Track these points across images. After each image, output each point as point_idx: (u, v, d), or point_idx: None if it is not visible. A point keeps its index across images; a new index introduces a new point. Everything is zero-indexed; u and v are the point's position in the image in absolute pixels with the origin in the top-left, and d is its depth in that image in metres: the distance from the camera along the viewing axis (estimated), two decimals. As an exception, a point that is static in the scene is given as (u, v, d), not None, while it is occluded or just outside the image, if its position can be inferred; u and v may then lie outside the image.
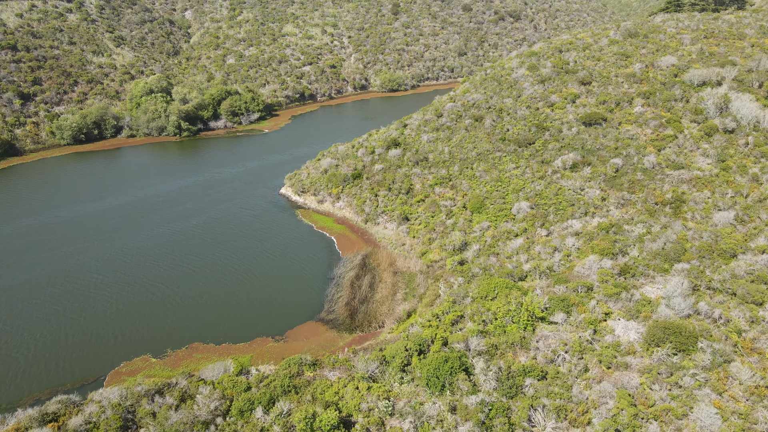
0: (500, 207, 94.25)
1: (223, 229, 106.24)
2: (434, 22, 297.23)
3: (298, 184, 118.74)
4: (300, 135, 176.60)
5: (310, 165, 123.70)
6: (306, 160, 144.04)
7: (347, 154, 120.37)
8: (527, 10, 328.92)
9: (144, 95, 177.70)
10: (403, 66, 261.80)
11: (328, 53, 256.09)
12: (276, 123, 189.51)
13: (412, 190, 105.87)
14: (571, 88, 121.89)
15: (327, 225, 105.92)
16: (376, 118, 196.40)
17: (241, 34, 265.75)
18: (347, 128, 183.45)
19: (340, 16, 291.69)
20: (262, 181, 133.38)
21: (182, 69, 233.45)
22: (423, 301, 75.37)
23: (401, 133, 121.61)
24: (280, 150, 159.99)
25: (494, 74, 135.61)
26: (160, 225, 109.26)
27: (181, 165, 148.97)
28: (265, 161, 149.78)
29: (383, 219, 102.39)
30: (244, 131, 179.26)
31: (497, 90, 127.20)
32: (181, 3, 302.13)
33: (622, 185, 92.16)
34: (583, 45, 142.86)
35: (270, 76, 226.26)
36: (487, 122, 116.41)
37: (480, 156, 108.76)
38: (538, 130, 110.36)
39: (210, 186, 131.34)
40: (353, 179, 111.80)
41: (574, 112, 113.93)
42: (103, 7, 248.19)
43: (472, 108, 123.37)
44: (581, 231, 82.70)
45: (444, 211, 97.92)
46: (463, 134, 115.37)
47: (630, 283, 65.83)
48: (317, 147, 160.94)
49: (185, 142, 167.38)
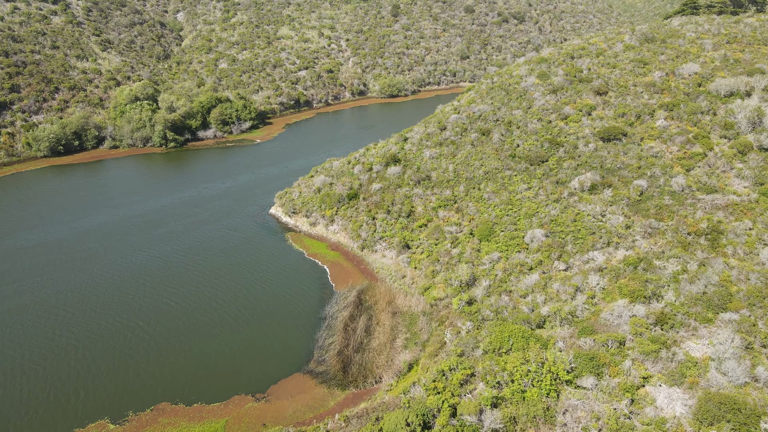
0: (512, 235, 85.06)
1: (205, 257, 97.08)
2: (435, 24, 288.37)
3: (289, 204, 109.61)
4: (294, 145, 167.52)
5: (302, 183, 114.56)
6: (300, 173, 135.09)
7: (342, 171, 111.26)
8: (531, 11, 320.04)
9: (129, 103, 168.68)
10: (403, 70, 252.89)
11: (324, 57, 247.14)
12: (269, 132, 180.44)
13: (413, 213, 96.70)
14: (585, 98, 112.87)
15: (319, 251, 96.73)
16: (374, 126, 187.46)
17: (235, 37, 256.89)
18: (344, 138, 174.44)
19: (337, 18, 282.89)
20: (252, 198, 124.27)
21: (172, 74, 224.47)
22: (426, 350, 66.20)
23: (401, 147, 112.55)
24: (272, 162, 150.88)
25: (501, 83, 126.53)
26: (138, 250, 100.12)
27: (166, 179, 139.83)
28: (256, 175, 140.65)
29: (381, 246, 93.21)
30: (234, 141, 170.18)
31: (505, 100, 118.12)
32: (173, 4, 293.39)
33: (648, 211, 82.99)
34: (596, 51, 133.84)
35: (264, 82, 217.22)
36: (495, 136, 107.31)
37: (488, 175, 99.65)
38: (551, 145, 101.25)
39: (196, 203, 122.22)
40: (349, 200, 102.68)
41: (591, 125, 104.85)
42: (91, 9, 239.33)
43: (478, 120, 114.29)
44: (605, 266, 73.49)
45: (449, 239, 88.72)
46: (469, 150, 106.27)
47: (669, 337, 56.63)
48: (312, 159, 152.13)
49: (172, 154, 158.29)
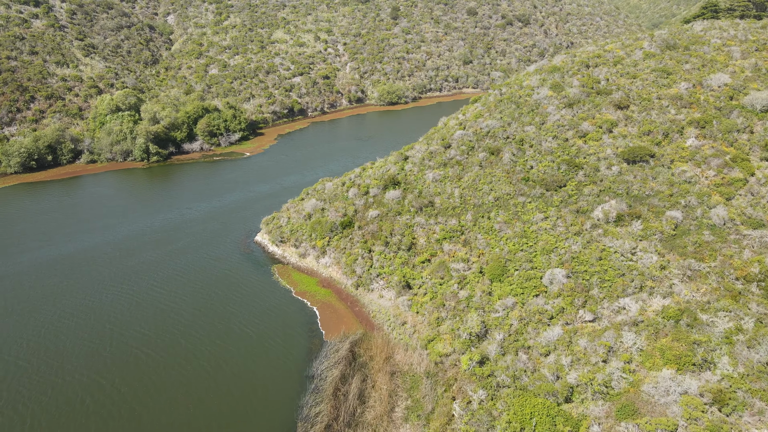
0: (527, 274, 74.63)
1: (181, 295, 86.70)
2: (437, 27, 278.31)
3: (276, 232, 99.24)
4: (287, 159, 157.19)
5: (291, 207, 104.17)
6: (291, 191, 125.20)
7: (336, 195, 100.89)
8: (537, 14, 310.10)
9: (109, 113, 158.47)
10: (403, 76, 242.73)
11: (321, 62, 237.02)
12: (260, 144, 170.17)
13: (414, 245, 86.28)
14: (605, 113, 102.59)
15: (309, 289, 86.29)
16: (373, 137, 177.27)
17: (227, 41, 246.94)
18: (340, 151, 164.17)
19: (334, 21, 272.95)
20: (238, 221, 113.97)
21: (160, 80, 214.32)
22: (431, 426, 55.69)
23: (401, 168, 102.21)
24: (262, 178, 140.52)
25: (511, 94, 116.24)
26: (107, 286, 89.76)
27: (146, 199, 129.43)
28: (243, 193, 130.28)
29: (379, 284, 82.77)
30: (222, 155, 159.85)
31: (516, 115, 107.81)
32: (163, 7, 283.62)
33: (686, 248, 72.59)
34: (613, 59, 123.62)
35: (256, 89, 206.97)
36: (505, 156, 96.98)
37: (498, 202, 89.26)
38: (569, 168, 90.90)
39: (177, 227, 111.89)
40: (342, 229, 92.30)
41: (613, 144, 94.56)
42: (75, 12, 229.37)
43: (486, 137, 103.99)
44: (640, 317, 63.06)
45: (456, 278, 78.28)
46: (477, 172, 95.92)
47: (732, 423, 46.21)
48: (305, 175, 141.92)
49: (154, 169, 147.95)
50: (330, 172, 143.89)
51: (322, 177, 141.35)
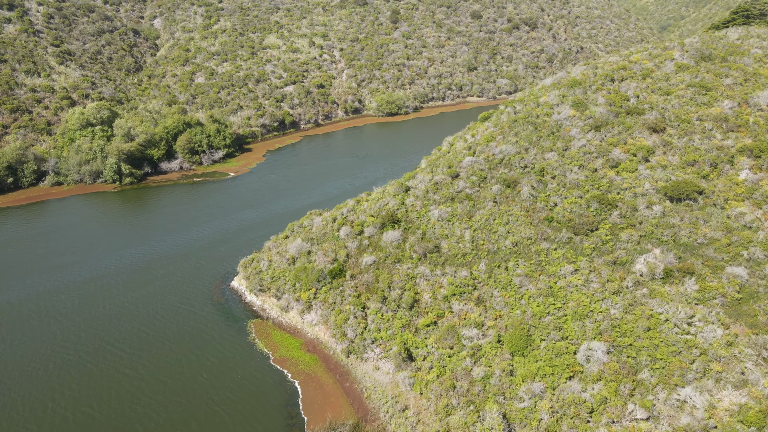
0: (558, 348, 60.90)
1: (138, 360, 73.09)
2: (439, 31, 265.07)
3: (256, 278, 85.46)
4: (276, 180, 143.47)
5: (274, 247, 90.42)
6: (281, 220, 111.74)
7: (325, 234, 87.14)
8: (544, 17, 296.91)
9: (80, 129, 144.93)
10: (404, 84, 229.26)
11: (315, 70, 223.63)
12: (246, 162, 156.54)
13: (417, 303, 72.53)
14: (639, 138, 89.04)
15: (291, 354, 72.55)
16: (370, 155, 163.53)
17: (216, 47, 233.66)
18: (335, 170, 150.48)
19: (331, 24, 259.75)
20: (215, 260, 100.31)
21: (141, 90, 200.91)
22: None
23: (401, 202, 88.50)
24: (247, 203, 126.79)
25: (527, 113, 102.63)
26: (53, 348, 76.15)
27: (114, 230, 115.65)
28: (225, 222, 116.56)
29: (374, 352, 69.00)
30: (204, 175, 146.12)
31: (534, 139, 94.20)
32: (150, 10, 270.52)
33: (756, 318, 58.93)
34: (641, 71, 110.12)
35: (244, 99, 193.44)
36: (523, 190, 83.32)
37: (517, 248, 75.55)
38: (600, 206, 77.25)
39: (145, 266, 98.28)
40: (332, 278, 78.54)
41: (651, 177, 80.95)
42: (52, 16, 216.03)
43: (500, 166, 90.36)
44: (711, 421, 49.30)
45: (468, 348, 64.55)
46: (491, 209, 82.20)
47: None
48: (293, 200, 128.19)
49: (127, 192, 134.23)
50: (323, 197, 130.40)
51: (316, 200, 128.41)
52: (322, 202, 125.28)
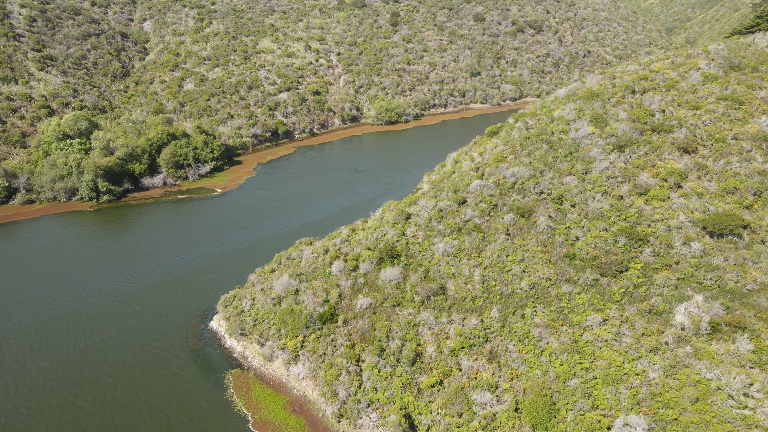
0: (588, 422, 51.53)
1: (103, 422, 63.60)
2: (441, 35, 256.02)
3: (237, 319, 76.11)
4: (267, 197, 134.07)
5: (258, 282, 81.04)
6: (269, 246, 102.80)
7: (315, 269, 77.77)
8: (550, 19, 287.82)
9: (56, 141, 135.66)
10: (404, 90, 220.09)
11: (311, 75, 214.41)
12: (235, 176, 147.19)
13: (420, 356, 63.18)
14: (669, 160, 79.85)
15: (274, 416, 63.20)
16: (369, 168, 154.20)
17: (207, 51, 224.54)
18: (330, 186, 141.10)
19: (328, 27, 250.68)
20: (194, 293, 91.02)
21: (127, 97, 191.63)
22: None
23: (401, 232, 79.18)
24: (234, 225, 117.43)
25: (540, 129, 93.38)
26: (3, 406, 66.61)
27: (86, 257, 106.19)
28: (208, 247, 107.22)
29: (371, 418, 59.58)
30: (189, 191, 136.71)
31: (549, 159, 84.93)
32: (140, 12, 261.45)
33: (826, 389, 49.56)
34: (665, 82, 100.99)
35: (235, 108, 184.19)
36: (540, 221, 74.08)
37: (535, 290, 66.27)
38: (630, 241, 68.00)
39: (117, 302, 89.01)
40: (322, 323, 69.22)
41: (686, 207, 71.72)
42: (35, 20, 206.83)
43: (512, 190, 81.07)
44: None
45: (480, 417, 55.20)
46: (503, 244, 72.90)
47: None
48: (288, 220, 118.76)
49: (104, 212, 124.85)
50: (318, 216, 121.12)
51: (310, 219, 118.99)
52: (316, 224, 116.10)
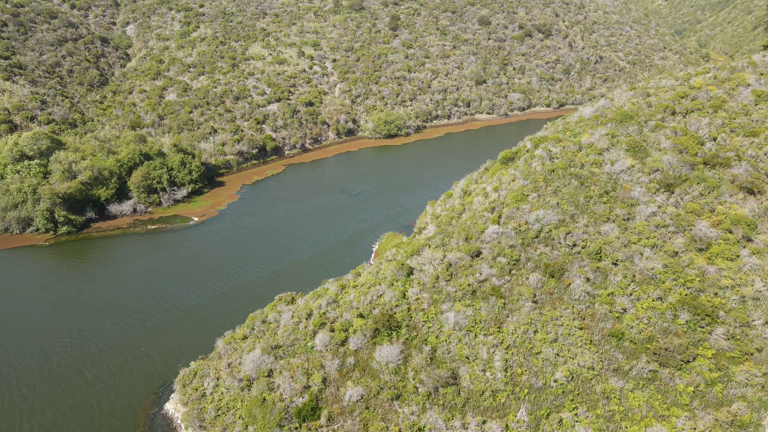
0: None
1: None
2: (444, 39, 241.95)
3: (196, 406, 61.62)
4: (247, 226, 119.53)
5: (225, 353, 66.57)
6: (247, 293, 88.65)
7: (295, 340, 63.28)
8: (559, 23, 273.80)
9: (12, 163, 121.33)
10: (404, 100, 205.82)
11: (304, 84, 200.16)
12: (216, 200, 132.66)
13: (426, 479, 48.64)
14: (732, 204, 65.60)
15: None
16: (366, 190, 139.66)
17: (193, 57, 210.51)
18: (324, 213, 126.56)
19: (323, 32, 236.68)
20: (150, 359, 76.62)
21: (102, 108, 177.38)
22: None
23: (401, 293, 64.74)
24: (207, 265, 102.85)
25: (567, 159, 78.99)
26: None
27: (30, 307, 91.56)
28: (173, 298, 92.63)
29: None
30: (161, 220, 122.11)
31: (581, 200, 70.54)
32: (123, 15, 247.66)
33: None
34: (710, 101, 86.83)
35: (220, 121, 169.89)
36: (575, 284, 59.70)
37: (574, 385, 51.78)
38: (693, 317, 53.61)
39: (57, 372, 74.57)
40: (301, 420, 54.71)
41: (762, 269, 57.30)
42: (6, 24, 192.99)
43: (537, 240, 66.71)
44: None
45: None
46: (529, 313, 58.49)
47: None
48: (273, 259, 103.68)
49: (62, 246, 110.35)
50: (308, 252, 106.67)
51: (297, 258, 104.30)
52: (305, 264, 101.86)
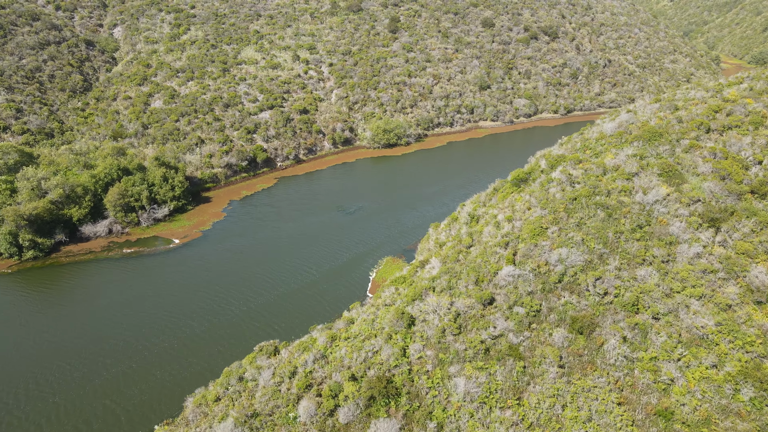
0: None
1: None
2: (446, 42, 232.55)
3: (155, 489, 51.91)
4: (233, 250, 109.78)
5: (194, 419, 56.84)
6: (225, 335, 79.23)
7: (275, 408, 53.57)
8: (566, 25, 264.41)
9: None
10: (404, 107, 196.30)
11: (299, 90, 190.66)
12: (201, 219, 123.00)
13: None
14: (790, 245, 55.87)
15: None
16: (364, 207, 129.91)
17: (182, 61, 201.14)
18: (316, 234, 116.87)
19: (319, 35, 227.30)
20: (112, 421, 66.89)
21: (83, 117, 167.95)
22: None
23: (401, 350, 55.12)
24: (184, 298, 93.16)
25: (590, 186, 69.41)
26: None
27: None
28: (145, 339, 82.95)
29: None
30: (139, 242, 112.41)
31: (610, 236, 60.95)
32: (110, 17, 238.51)
33: None
34: (749, 117, 77.73)
35: (208, 130, 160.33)
36: (609, 344, 50.16)
37: (616, 482, 42.10)
38: (759, 394, 44.13)
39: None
40: None
41: (835, 330, 47.64)
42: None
43: (560, 286, 57.12)
44: None
45: None
46: (555, 381, 48.85)
47: None
48: (256, 291, 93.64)
49: (27, 273, 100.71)
50: (297, 280, 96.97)
51: (285, 290, 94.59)
52: (295, 296, 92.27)
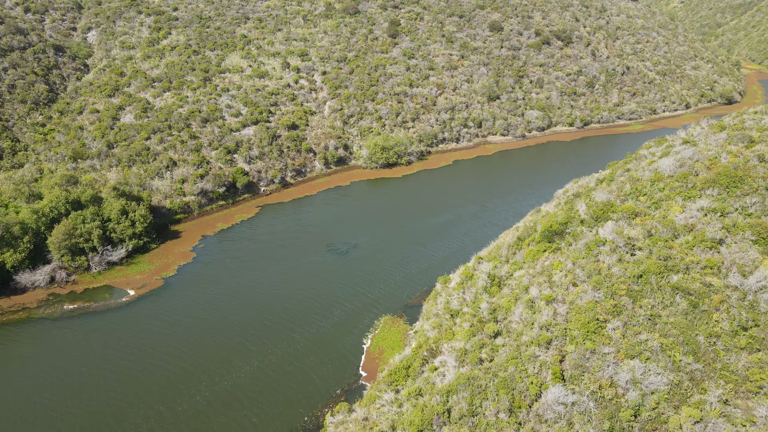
0: None
1: None
2: (450, 48, 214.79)
3: None
4: (199, 308, 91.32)
5: None
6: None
7: None
8: (580, 29, 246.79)
9: None
10: (405, 121, 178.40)
11: (288, 102, 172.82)
12: (165, 261, 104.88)
13: None
14: None
15: None
16: (360, 245, 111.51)
17: (160, 69, 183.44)
18: (301, 282, 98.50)
19: (312, 39, 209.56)
20: None
21: (42, 134, 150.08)
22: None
23: None
24: (133, 379, 74.96)
25: (659, 255, 51.33)
26: None
27: None
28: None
29: None
30: (85, 294, 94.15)
31: (701, 342, 42.96)
32: (85, 19, 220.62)
33: None
34: None
35: (182, 150, 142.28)
36: None
37: None
38: None
39: None
40: None
41: None
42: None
43: (635, 427, 38.96)
44: None
45: None
46: None
47: None
48: (227, 368, 75.11)
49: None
50: (276, 353, 78.63)
51: (271, 360, 76.39)
52: (270, 378, 74.04)
